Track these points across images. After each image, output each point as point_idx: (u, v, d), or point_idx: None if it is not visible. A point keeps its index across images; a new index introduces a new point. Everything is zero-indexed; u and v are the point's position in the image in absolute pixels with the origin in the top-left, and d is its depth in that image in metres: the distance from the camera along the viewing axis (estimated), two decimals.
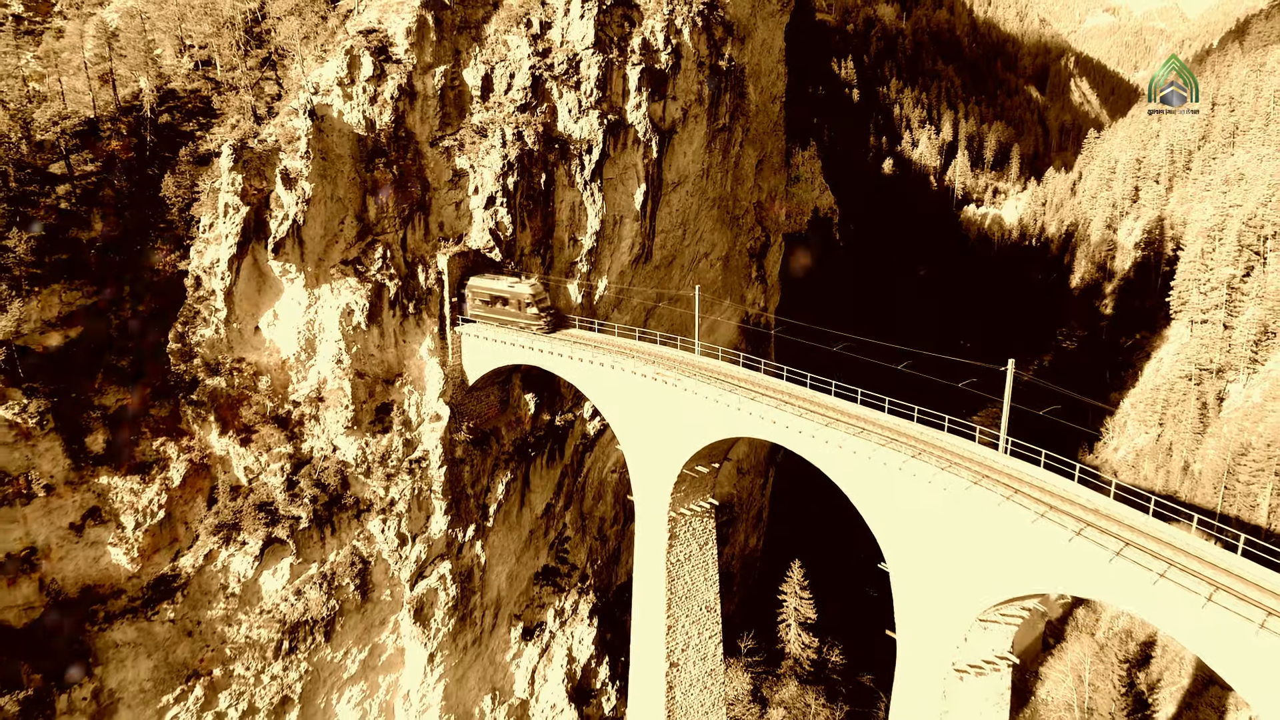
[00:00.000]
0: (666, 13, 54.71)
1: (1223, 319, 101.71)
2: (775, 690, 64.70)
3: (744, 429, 38.55)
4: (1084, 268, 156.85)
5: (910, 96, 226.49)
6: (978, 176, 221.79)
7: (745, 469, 70.10)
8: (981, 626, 31.72)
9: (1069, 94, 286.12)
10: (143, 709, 42.25)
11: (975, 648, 32.40)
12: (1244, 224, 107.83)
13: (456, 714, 51.13)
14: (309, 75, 45.84)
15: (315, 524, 45.07)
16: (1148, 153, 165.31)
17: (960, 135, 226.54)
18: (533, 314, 47.22)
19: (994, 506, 29.60)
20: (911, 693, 33.51)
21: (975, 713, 33.42)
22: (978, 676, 32.97)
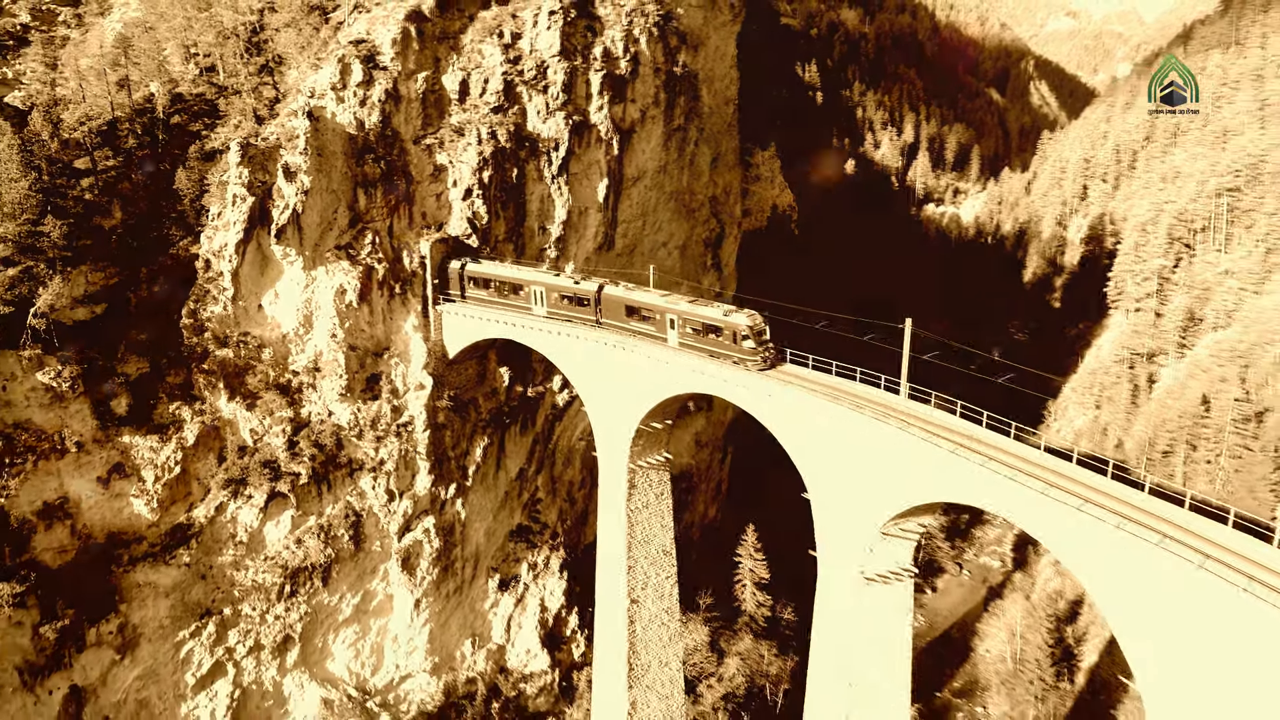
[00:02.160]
0: (625, 24, 61.88)
1: (1154, 307, 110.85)
2: (732, 643, 71.86)
3: (682, 386, 45.63)
4: (1036, 263, 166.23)
5: (873, 99, 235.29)
6: (939, 177, 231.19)
7: (703, 442, 77.34)
8: (884, 539, 38.89)
9: (1029, 96, 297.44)
10: (162, 643, 48.46)
11: (880, 559, 39.58)
12: (1175, 218, 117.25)
13: (440, 656, 57.74)
14: (306, 80, 52.44)
15: (313, 480, 51.53)
16: (1096, 152, 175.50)
17: (922, 137, 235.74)
18: (749, 348, 43.66)
19: (889, 436, 36.82)
20: (829, 599, 40.66)
21: (882, 618, 40.64)
22: (884, 585, 40.17)
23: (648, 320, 48.49)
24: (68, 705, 45.75)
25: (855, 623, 40.00)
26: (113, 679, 47.18)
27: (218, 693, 50.31)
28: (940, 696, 79.70)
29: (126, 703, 47.76)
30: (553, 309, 51.84)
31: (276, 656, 51.79)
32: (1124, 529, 28.78)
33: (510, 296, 52.93)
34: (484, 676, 59.16)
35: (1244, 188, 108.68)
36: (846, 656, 40.24)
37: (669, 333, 47.53)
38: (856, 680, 40.42)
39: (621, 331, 49.24)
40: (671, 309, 47.34)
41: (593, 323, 50.60)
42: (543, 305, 52.14)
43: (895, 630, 41.09)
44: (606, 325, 50.21)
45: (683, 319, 46.82)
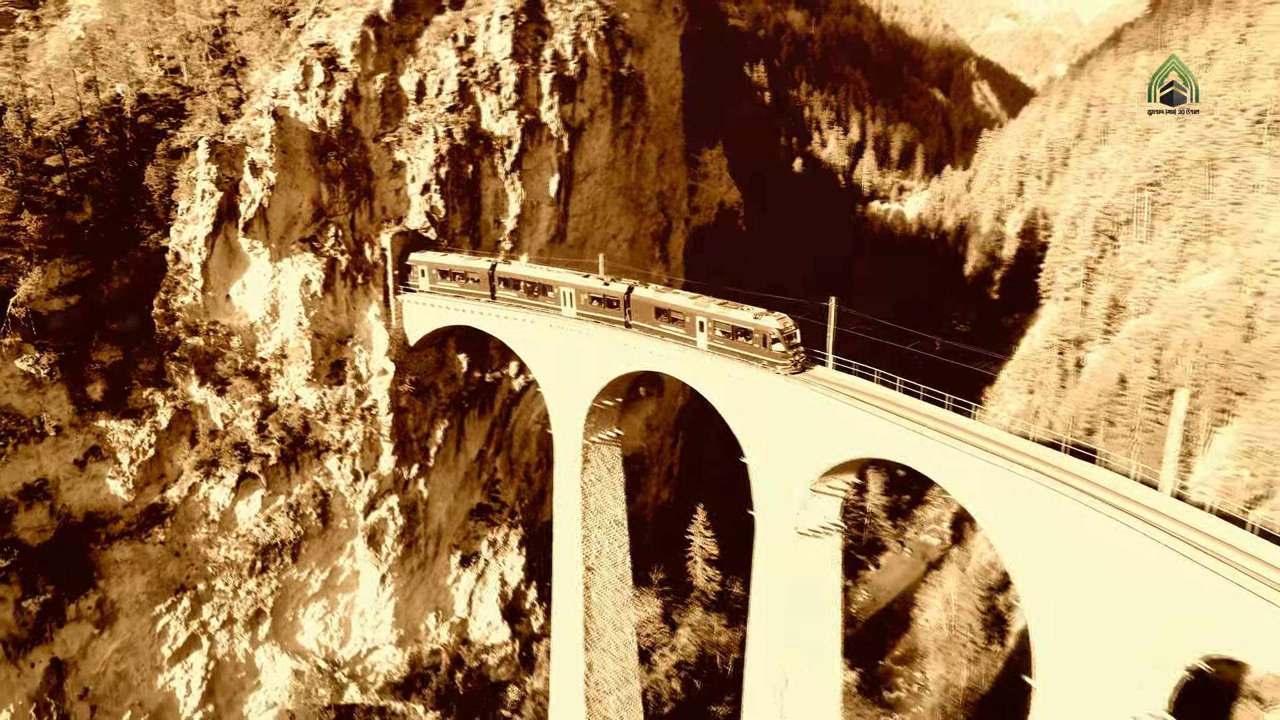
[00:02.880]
0: (573, 28, 66.02)
1: (1082, 296, 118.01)
2: (683, 616, 76.37)
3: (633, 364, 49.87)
4: (975, 257, 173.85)
5: (820, 99, 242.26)
6: (884, 175, 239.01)
7: (654, 426, 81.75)
8: (814, 496, 43.53)
9: (971, 96, 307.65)
10: (139, 617, 51.34)
11: (811, 515, 44.23)
12: (1101, 212, 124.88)
13: (405, 629, 61.24)
14: (269, 81, 55.67)
15: (282, 461, 54.78)
16: (1031, 150, 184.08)
17: (867, 136, 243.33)
18: (779, 351, 43.75)
19: (816, 402, 41.44)
20: (767, 553, 45.21)
21: (814, 569, 45.31)
22: (815, 539, 44.85)
23: (676, 323, 48.13)
24: (49, 677, 48.45)
25: (790, 573, 44.60)
26: (92, 652, 49.96)
27: (193, 665, 53.32)
28: (882, 664, 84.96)
29: (105, 675, 50.56)
30: (582, 310, 52.40)
31: (249, 630, 54.92)
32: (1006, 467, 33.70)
33: (540, 297, 53.84)
34: (448, 648, 62.80)
35: (1163, 182, 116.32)
36: (783, 604, 44.80)
37: (698, 335, 47.19)
38: (793, 625, 45.02)
39: (650, 334, 49.22)
40: (701, 311, 47.05)
41: (622, 325, 50.65)
42: (572, 306, 52.80)
43: (826, 579, 45.79)
44: (635, 327, 50.22)
45: (712, 321, 46.48)
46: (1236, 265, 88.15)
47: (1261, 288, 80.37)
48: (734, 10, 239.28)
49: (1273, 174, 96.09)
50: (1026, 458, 34.98)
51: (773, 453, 43.89)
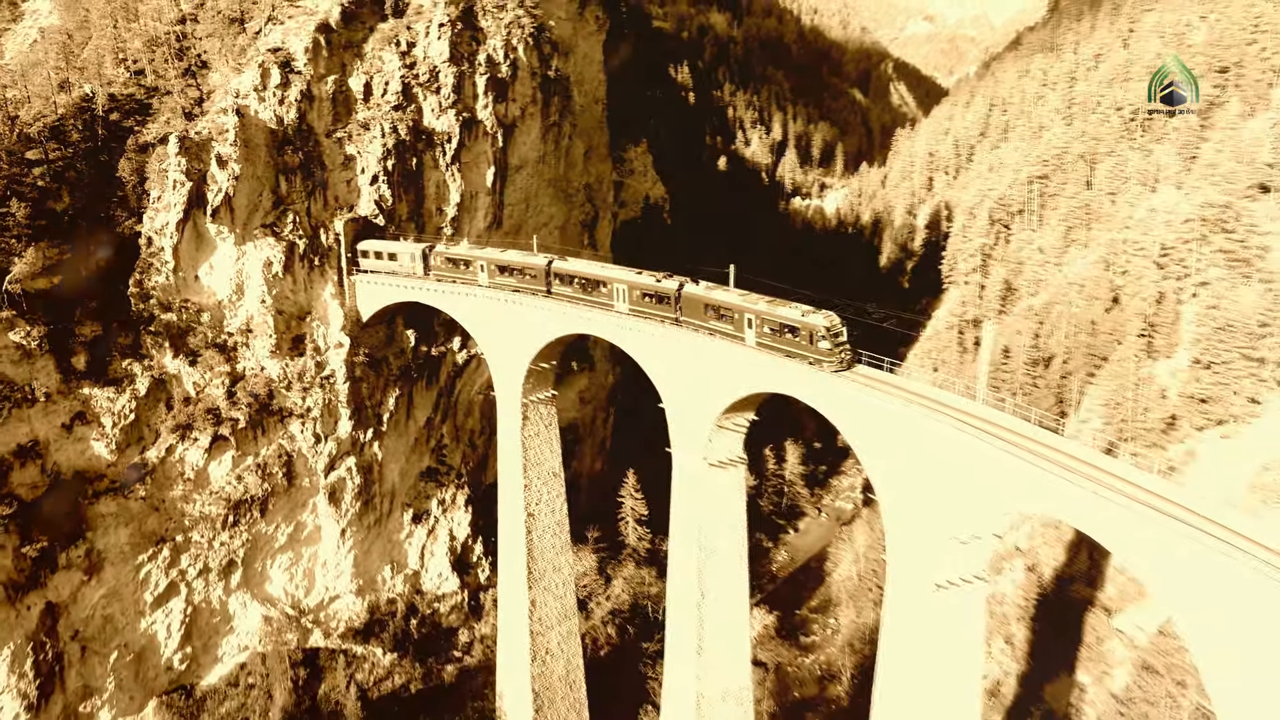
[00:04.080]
0: (505, 34, 74.66)
1: (979, 280, 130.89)
2: (617, 570, 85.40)
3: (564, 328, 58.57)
4: (890, 249, 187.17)
5: (743, 99, 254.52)
6: (806, 173, 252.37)
7: (586, 399, 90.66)
8: (719, 430, 52.88)
9: (889, 96, 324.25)
10: (123, 565, 58.14)
11: (718, 448, 53.56)
12: (996, 203, 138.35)
13: (364, 579, 68.91)
14: (230, 82, 63.02)
15: (250, 425, 62.09)
16: (940, 147, 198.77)
17: (790, 135, 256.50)
18: (825, 349, 44.69)
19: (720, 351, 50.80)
20: (681, 485, 54.39)
21: (722, 495, 54.65)
22: (722, 469, 54.27)
23: (725, 319, 49.64)
24: (44, 619, 54.98)
25: (702, 500, 53.87)
26: (81, 597, 56.58)
27: (172, 610, 60.24)
28: (799, 613, 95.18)
29: (94, 618, 57.21)
30: (634, 306, 54.40)
31: (222, 578, 62.04)
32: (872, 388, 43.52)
33: (592, 292, 56.40)
34: (403, 597, 70.63)
35: (1051, 175, 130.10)
36: (697, 527, 54.04)
37: (746, 332, 48.61)
38: (706, 544, 54.30)
39: (700, 330, 51.02)
40: (750, 309, 48.37)
41: (672, 320, 52.46)
42: (624, 302, 54.91)
43: (733, 504, 55.23)
44: (685, 323, 51.94)
45: (760, 319, 47.76)
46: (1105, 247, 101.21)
47: (1125, 267, 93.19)
48: (658, 13, 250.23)
49: (1142, 166, 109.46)
50: (891, 388, 44.75)
51: (682, 395, 53.08)
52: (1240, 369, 71.75)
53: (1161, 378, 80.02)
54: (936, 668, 40.36)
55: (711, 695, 55.25)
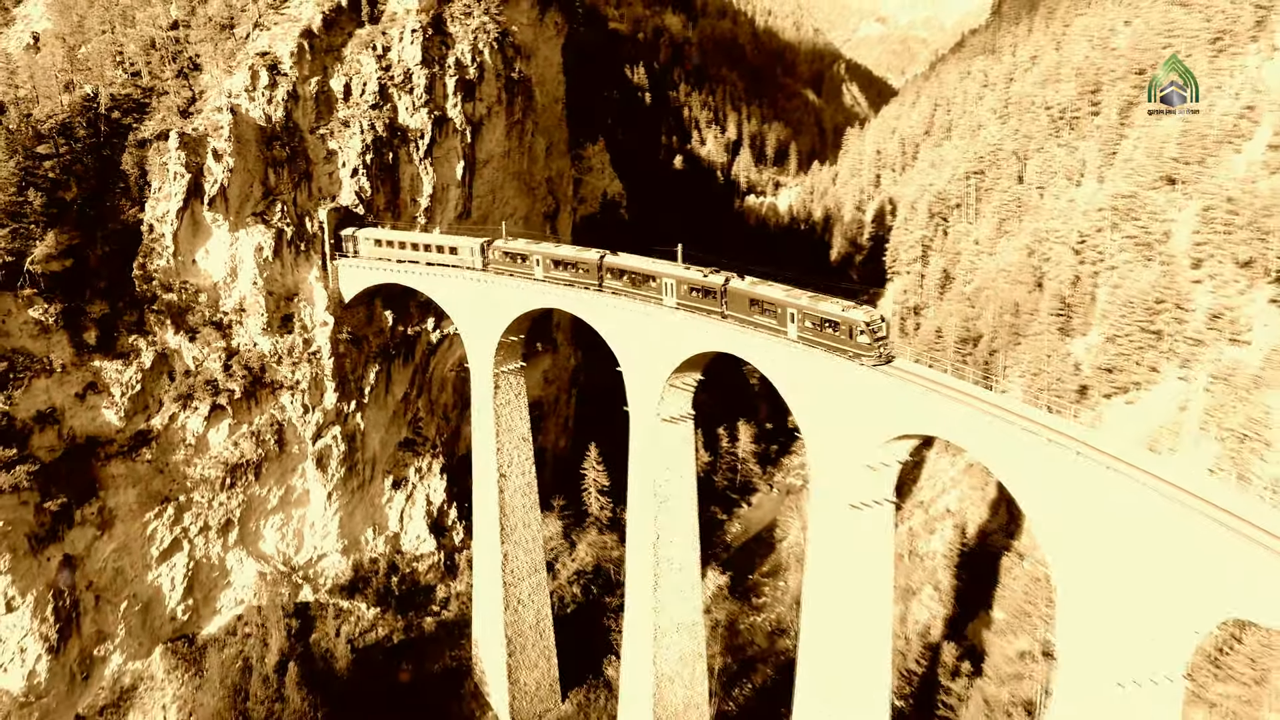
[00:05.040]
0: (472, 39, 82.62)
1: (919, 270, 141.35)
2: (582, 535, 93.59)
3: (536, 303, 66.75)
4: (840, 243, 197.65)
5: (698, 99, 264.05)
6: (761, 171, 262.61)
7: (550, 379, 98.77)
8: (670, 389, 61.28)
9: (842, 97, 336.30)
10: (132, 522, 65.02)
11: (669, 405, 61.98)
12: (935, 197, 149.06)
13: (348, 540, 76.30)
14: (223, 83, 70.24)
15: (245, 396, 69.29)
16: (887, 146, 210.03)
17: (744, 134, 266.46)
18: (864, 343, 46.52)
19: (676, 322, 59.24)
20: (637, 437, 62.68)
21: (673, 447, 63.06)
22: (673, 424, 62.71)
23: (769, 314, 51.57)
24: (61, 569, 61.72)
25: (655, 453, 62.27)
26: (95, 551, 63.38)
27: (176, 564, 67.19)
28: (752, 578, 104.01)
29: (106, 570, 64.00)
30: (681, 300, 57.08)
31: (220, 536, 69.13)
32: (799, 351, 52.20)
33: (643, 286, 59.73)
34: (384, 557, 78.11)
35: (986, 171, 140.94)
36: (652, 477, 62.38)
37: (789, 326, 50.55)
38: (660, 491, 62.69)
39: (743, 324, 53.45)
40: (792, 304, 50.34)
41: (719, 315, 54.94)
42: (672, 296, 57.77)
43: (683, 456, 63.72)
44: (730, 317, 54.45)
45: (801, 313, 49.68)
46: (1030, 235, 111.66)
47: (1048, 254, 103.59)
48: (614, 14, 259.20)
49: (1068, 162, 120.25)
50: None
51: (637, 358, 61.44)
52: (1140, 340, 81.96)
53: (1078, 353, 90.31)
54: (853, 574, 49.19)
55: (666, 626, 63.68)
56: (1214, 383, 71.35)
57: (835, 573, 49.53)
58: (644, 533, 62.87)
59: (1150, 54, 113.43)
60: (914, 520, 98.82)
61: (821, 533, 50.30)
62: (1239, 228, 77.03)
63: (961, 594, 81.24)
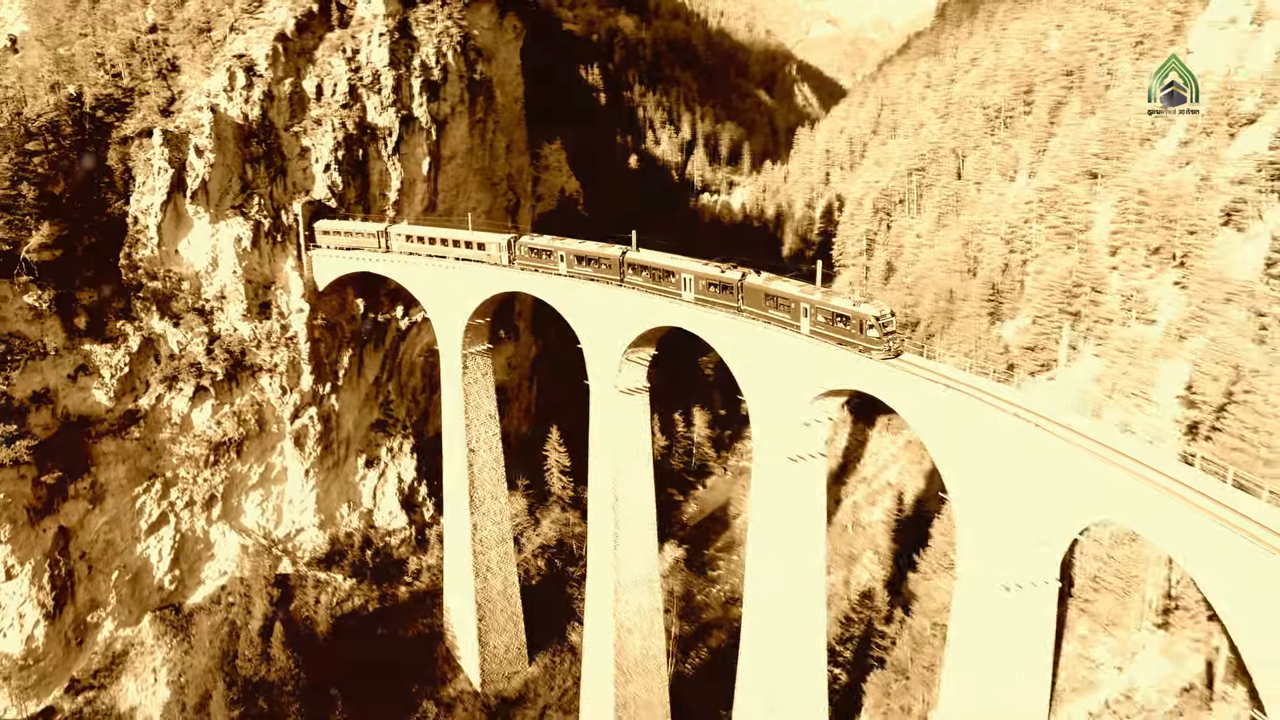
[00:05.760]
0: (436, 43, 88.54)
1: (865, 262, 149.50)
2: (545, 513, 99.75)
3: (498, 287, 72.79)
4: (791, 240, 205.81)
5: (653, 100, 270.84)
6: (715, 170, 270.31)
7: (514, 365, 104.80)
8: (627, 363, 67.76)
9: (794, 98, 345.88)
10: (122, 496, 69.95)
11: (627, 377, 68.45)
12: (880, 194, 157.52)
13: (325, 515, 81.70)
14: (202, 84, 75.41)
15: (227, 378, 74.49)
16: (835, 145, 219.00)
17: (698, 134, 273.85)
18: (874, 337, 47.83)
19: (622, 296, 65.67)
20: (598, 408, 69.03)
21: (631, 418, 69.57)
22: (630, 395, 69.17)
23: (783, 308, 53.36)
24: (57, 540, 66.51)
25: (614, 423, 68.74)
26: (87, 523, 68.22)
27: (163, 537, 72.17)
28: (707, 552, 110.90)
29: (98, 542, 68.84)
30: (699, 295, 59.00)
31: (205, 510, 74.23)
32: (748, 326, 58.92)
33: (662, 282, 61.70)
34: (359, 531, 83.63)
35: (928, 168, 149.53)
36: (612, 446, 68.82)
37: (801, 320, 52.36)
38: (618, 455, 69.12)
39: (759, 318, 55.29)
40: (805, 299, 52.16)
41: (735, 309, 56.76)
42: (691, 291, 59.70)
43: (640, 424, 70.25)
44: (746, 311, 56.17)
45: (814, 308, 51.46)
46: (966, 228, 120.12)
47: (981, 244, 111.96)
48: (568, 15, 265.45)
49: (1002, 159, 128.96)
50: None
51: (596, 333, 67.76)
52: (1060, 321, 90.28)
53: (1007, 334, 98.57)
54: (790, 519, 56.12)
55: (626, 581, 70.16)
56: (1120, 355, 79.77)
57: (776, 517, 56.45)
58: (604, 494, 69.30)
59: (1078, 56, 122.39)
60: (857, 494, 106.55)
61: (764, 483, 57.17)
62: (1149, 218, 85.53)
63: (899, 555, 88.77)
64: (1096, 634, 47.13)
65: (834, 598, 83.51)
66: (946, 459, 45.38)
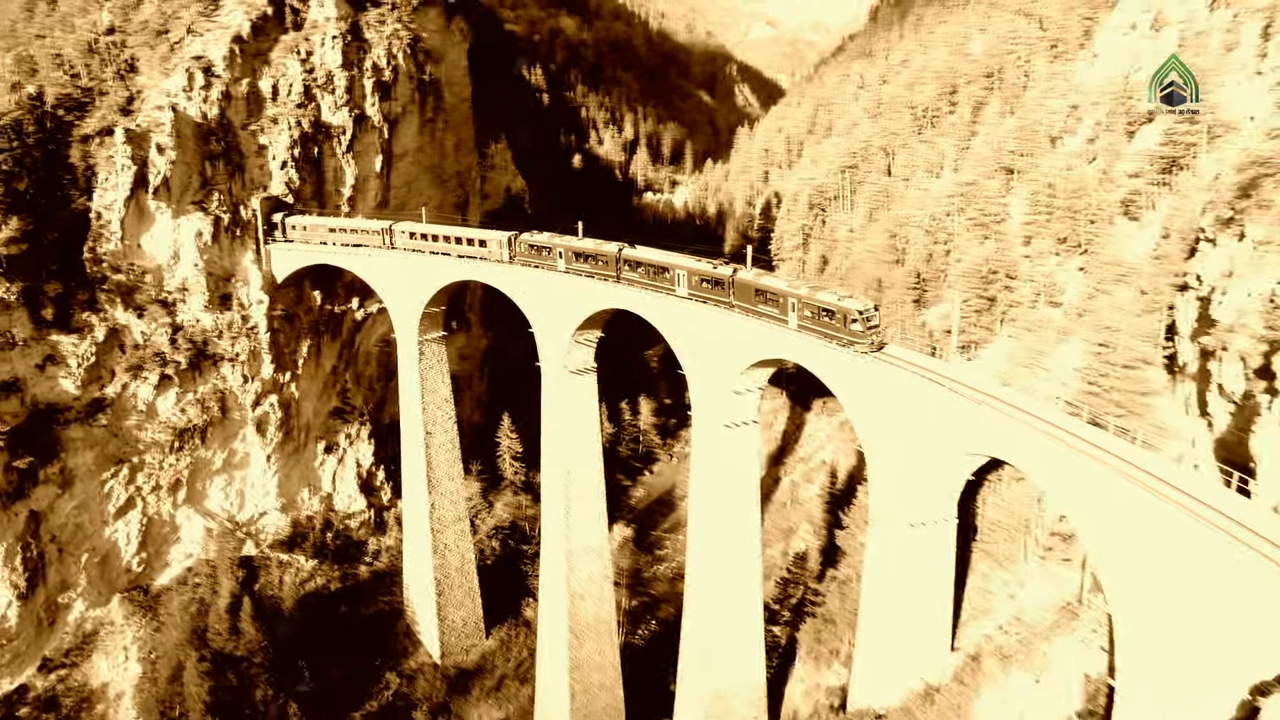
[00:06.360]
0: (386, 45, 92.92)
1: (801, 256, 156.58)
2: (498, 496, 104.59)
3: (452, 275, 77.59)
4: (732, 237, 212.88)
5: (595, 100, 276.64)
6: (658, 170, 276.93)
7: (466, 356, 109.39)
8: (575, 345, 73.04)
9: (734, 98, 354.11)
10: (90, 481, 73.20)
11: (576, 359, 73.79)
12: (814, 190, 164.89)
13: (286, 499, 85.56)
14: (161, 84, 78.93)
15: (190, 367, 78.08)
16: (773, 144, 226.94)
17: (640, 134, 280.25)
18: (857, 330, 49.30)
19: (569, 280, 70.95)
20: (549, 387, 74.16)
21: (581, 398, 74.87)
22: (579, 375, 74.48)
23: (772, 303, 55.07)
24: (29, 524, 69.60)
25: (565, 401, 73.99)
26: (57, 507, 71.36)
27: (131, 520, 75.49)
28: (655, 533, 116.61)
29: (68, 525, 71.99)
30: (692, 290, 60.88)
31: (171, 495, 77.70)
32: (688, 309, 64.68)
33: (657, 278, 63.55)
34: (319, 514, 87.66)
35: (860, 165, 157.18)
36: (563, 422, 74.03)
37: (789, 315, 54.05)
38: (568, 436, 74.36)
39: (747, 312, 57.05)
40: (793, 294, 53.99)
41: (726, 304, 58.41)
42: (684, 287, 61.51)
43: (589, 401, 75.59)
44: (737, 306, 57.85)
45: (801, 303, 53.18)
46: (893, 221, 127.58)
47: (907, 236, 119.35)
48: (509, 16, 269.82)
49: (929, 156, 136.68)
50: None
51: (548, 315, 72.91)
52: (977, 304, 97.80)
53: (931, 320, 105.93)
54: (725, 479, 62.05)
55: (577, 550, 75.47)
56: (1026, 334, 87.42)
57: (715, 478, 62.35)
58: (556, 467, 74.51)
59: (998, 59, 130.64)
60: (795, 473, 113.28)
61: (703, 448, 63.01)
62: (1057, 209, 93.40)
63: (831, 525, 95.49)
64: (995, 570, 53.82)
65: (773, 568, 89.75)
66: (857, 415, 51.71)
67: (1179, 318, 50.28)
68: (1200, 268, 48.64)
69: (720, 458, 61.96)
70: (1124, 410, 45.93)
